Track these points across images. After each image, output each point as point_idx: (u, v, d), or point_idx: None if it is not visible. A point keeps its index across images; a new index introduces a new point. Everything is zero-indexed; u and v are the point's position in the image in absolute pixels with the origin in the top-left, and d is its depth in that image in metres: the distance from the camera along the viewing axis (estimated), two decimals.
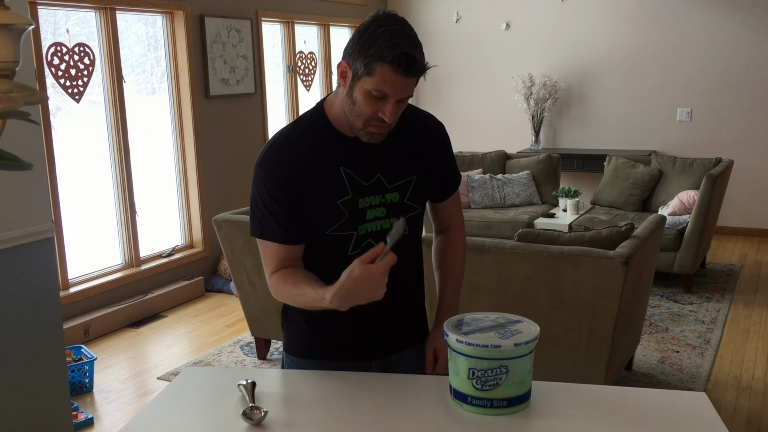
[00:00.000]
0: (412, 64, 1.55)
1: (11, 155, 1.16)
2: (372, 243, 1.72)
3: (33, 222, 2.63)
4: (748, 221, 6.96)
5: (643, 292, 3.67)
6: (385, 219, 1.73)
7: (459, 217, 1.96)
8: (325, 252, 1.74)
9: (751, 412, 3.52)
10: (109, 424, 3.56)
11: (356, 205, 1.70)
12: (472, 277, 3.34)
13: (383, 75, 1.55)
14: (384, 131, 1.65)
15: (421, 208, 1.81)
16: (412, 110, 1.83)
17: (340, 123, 1.70)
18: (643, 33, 7.05)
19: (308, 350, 1.87)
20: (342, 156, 1.70)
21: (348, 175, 1.69)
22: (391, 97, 1.58)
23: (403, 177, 1.75)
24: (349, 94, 1.62)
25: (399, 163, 1.75)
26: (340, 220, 1.70)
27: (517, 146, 7.61)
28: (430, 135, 1.83)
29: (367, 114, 1.60)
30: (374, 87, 1.57)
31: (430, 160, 1.81)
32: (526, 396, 1.60)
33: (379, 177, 1.72)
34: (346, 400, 1.67)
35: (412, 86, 1.61)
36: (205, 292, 5.59)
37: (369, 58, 1.55)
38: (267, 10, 6.31)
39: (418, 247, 1.90)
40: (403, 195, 1.75)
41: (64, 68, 4.51)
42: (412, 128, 1.79)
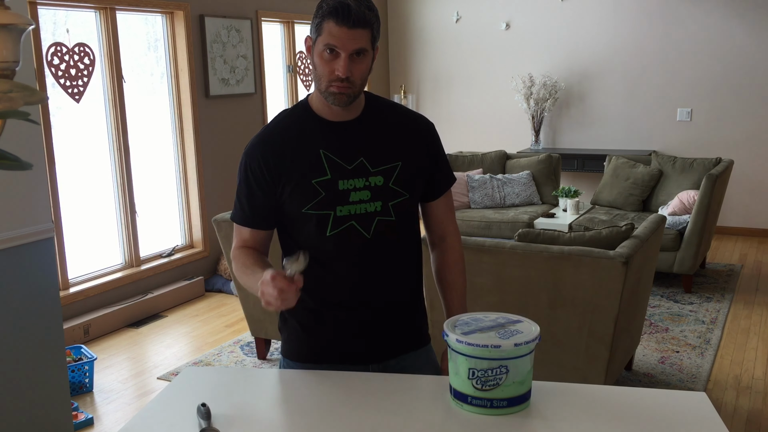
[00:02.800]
0: (347, 12, 1.63)
1: (11, 155, 1.16)
2: (355, 225, 1.75)
3: (33, 222, 2.63)
4: (748, 221, 6.96)
5: (643, 292, 3.67)
6: (369, 202, 1.76)
7: (453, 225, 1.95)
8: (305, 231, 1.78)
9: (751, 412, 3.52)
10: (109, 424, 3.56)
11: (335, 187, 1.74)
12: (472, 277, 3.33)
13: (329, 30, 1.65)
14: (345, 91, 1.69)
15: (409, 195, 1.81)
16: (401, 107, 1.91)
17: (321, 110, 1.78)
18: (643, 33, 7.05)
19: (304, 355, 1.88)
20: (323, 140, 1.77)
21: (328, 158, 1.75)
22: (340, 50, 1.65)
23: (388, 162, 1.78)
24: (312, 61, 1.72)
25: (383, 148, 1.79)
26: (316, 199, 1.74)
27: (517, 146, 7.61)
28: (418, 128, 1.87)
29: (326, 73, 1.68)
30: (324, 43, 1.66)
31: (416, 151, 1.83)
32: (526, 396, 1.60)
33: (362, 161, 1.76)
34: (345, 400, 1.67)
35: (362, 40, 1.66)
36: (205, 292, 5.59)
37: (317, 19, 1.68)
38: (267, 10, 6.31)
39: (415, 249, 1.90)
40: (388, 179, 1.77)
41: (64, 68, 4.51)
42: (398, 119, 1.85)
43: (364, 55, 1.68)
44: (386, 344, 1.86)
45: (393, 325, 1.86)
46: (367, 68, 1.72)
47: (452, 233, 1.95)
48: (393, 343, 1.87)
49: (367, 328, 1.83)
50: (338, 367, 1.83)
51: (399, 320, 1.87)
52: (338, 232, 1.75)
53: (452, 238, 1.94)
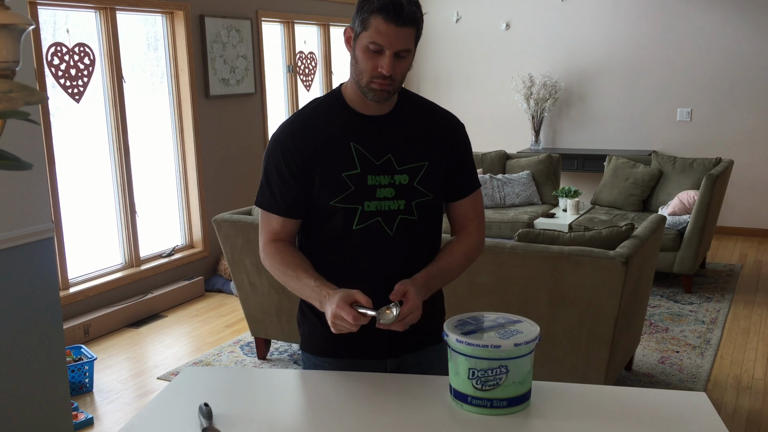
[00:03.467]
0: (399, 10, 1.62)
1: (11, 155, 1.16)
2: (380, 221, 1.75)
3: (33, 222, 2.63)
4: (748, 221, 6.96)
5: (643, 292, 3.67)
6: (393, 200, 1.76)
7: (476, 222, 1.90)
8: (332, 223, 1.78)
9: (751, 412, 3.52)
10: (109, 424, 3.56)
11: (364, 181, 1.74)
12: (472, 277, 3.34)
13: (376, 27, 1.63)
14: (386, 88, 1.69)
15: (433, 196, 1.80)
16: (433, 104, 1.89)
17: (355, 102, 1.77)
18: (643, 33, 7.05)
19: (323, 348, 1.88)
20: (354, 133, 1.76)
21: (358, 151, 1.75)
22: (386, 48, 1.64)
23: (414, 161, 1.77)
24: (353, 54, 1.70)
25: (411, 146, 1.78)
26: (345, 193, 1.74)
27: (517, 146, 7.61)
28: (447, 128, 1.86)
29: (368, 69, 1.67)
30: (370, 40, 1.64)
31: (444, 152, 1.82)
32: (526, 396, 1.60)
33: (389, 157, 1.76)
34: (346, 400, 1.67)
35: (408, 39, 1.66)
36: (205, 292, 5.59)
37: (364, 14, 1.64)
38: (267, 10, 6.30)
39: (436, 246, 1.89)
40: (413, 178, 1.77)
41: (64, 68, 4.51)
42: (429, 118, 1.85)
43: (408, 54, 1.69)
44: (404, 339, 1.84)
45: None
46: (409, 66, 1.72)
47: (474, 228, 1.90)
48: (411, 339, 1.85)
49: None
50: (357, 361, 1.83)
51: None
52: (364, 227, 1.75)
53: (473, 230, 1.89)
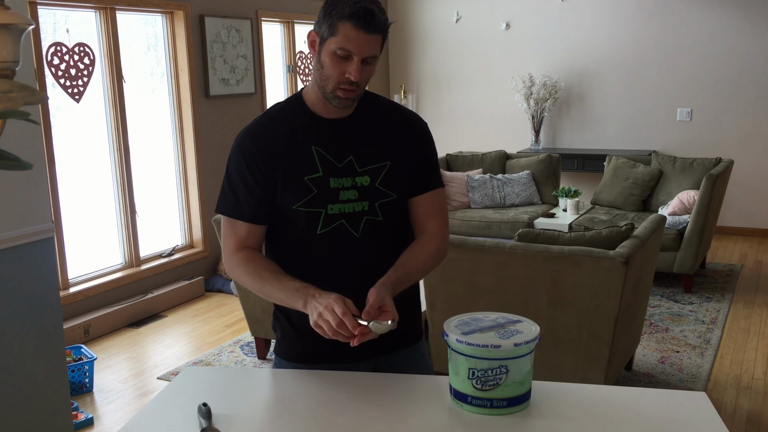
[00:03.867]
0: (370, 18, 1.62)
1: (11, 155, 1.16)
2: (345, 224, 1.75)
3: (33, 222, 2.63)
4: (748, 221, 6.96)
5: (643, 292, 3.67)
6: (356, 202, 1.75)
7: (436, 223, 1.85)
8: (296, 228, 1.77)
9: (751, 412, 3.52)
10: (109, 424, 3.56)
11: (327, 184, 1.74)
12: (472, 277, 3.34)
13: (345, 32, 1.62)
14: (352, 96, 1.70)
15: (397, 196, 1.79)
16: (396, 106, 1.89)
17: (316, 106, 1.77)
18: (643, 33, 7.05)
19: (297, 355, 1.87)
20: (315, 136, 1.75)
21: (320, 155, 1.74)
22: (354, 55, 1.64)
23: (375, 162, 1.77)
24: (318, 59, 1.69)
25: (373, 147, 1.78)
26: (308, 196, 1.73)
27: (517, 146, 7.61)
28: (411, 128, 1.85)
29: (335, 75, 1.66)
30: (338, 46, 1.63)
31: (406, 151, 1.81)
32: (526, 396, 1.60)
33: (351, 159, 1.76)
34: (346, 401, 1.67)
35: (375, 45, 1.67)
36: (205, 292, 5.59)
37: (332, 19, 1.63)
38: (267, 10, 6.30)
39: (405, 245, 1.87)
40: (375, 179, 1.77)
41: (64, 68, 4.51)
42: (390, 118, 1.84)
43: (374, 60, 1.69)
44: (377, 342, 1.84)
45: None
46: (373, 72, 1.72)
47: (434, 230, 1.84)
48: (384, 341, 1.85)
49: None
50: (330, 366, 1.82)
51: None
52: (328, 231, 1.75)
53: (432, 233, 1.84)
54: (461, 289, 3.41)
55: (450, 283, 3.42)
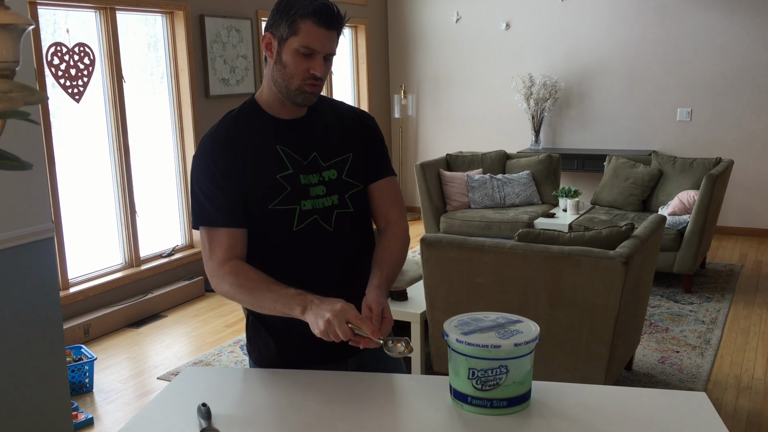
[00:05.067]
0: (331, 14, 1.66)
1: (11, 155, 1.16)
2: (318, 219, 1.76)
3: (33, 222, 2.63)
4: (748, 221, 6.96)
5: (643, 292, 3.67)
6: (326, 197, 1.77)
7: (398, 211, 1.89)
8: (271, 228, 1.76)
9: (751, 412, 3.52)
10: (109, 424, 3.56)
11: (298, 181, 1.75)
12: (472, 277, 3.34)
13: (308, 31, 1.64)
14: (317, 91, 1.73)
15: (363, 185, 1.84)
16: (341, 103, 1.95)
17: (273, 109, 1.79)
18: (643, 33, 7.05)
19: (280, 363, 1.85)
20: (278, 137, 1.77)
21: (286, 153, 1.76)
22: (318, 52, 1.67)
23: (339, 155, 1.80)
24: (278, 60, 1.70)
25: (333, 142, 1.81)
26: (282, 195, 1.74)
27: (517, 146, 7.61)
28: (362, 121, 1.90)
29: (299, 72, 1.68)
30: (301, 44, 1.65)
31: (362, 142, 1.86)
32: (526, 396, 1.60)
33: (315, 155, 1.78)
34: (346, 401, 1.67)
35: (335, 41, 1.70)
36: (205, 292, 5.59)
37: (292, 18, 1.65)
38: (267, 10, 6.30)
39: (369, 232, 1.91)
40: (341, 172, 1.79)
41: (64, 68, 4.51)
42: (341, 114, 1.88)
43: (333, 55, 1.72)
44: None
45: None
46: (331, 67, 1.75)
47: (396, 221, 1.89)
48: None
49: None
50: (317, 367, 1.81)
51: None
52: (304, 227, 1.75)
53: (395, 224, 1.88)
54: (461, 289, 3.41)
55: (450, 283, 3.41)
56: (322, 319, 1.56)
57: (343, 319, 1.55)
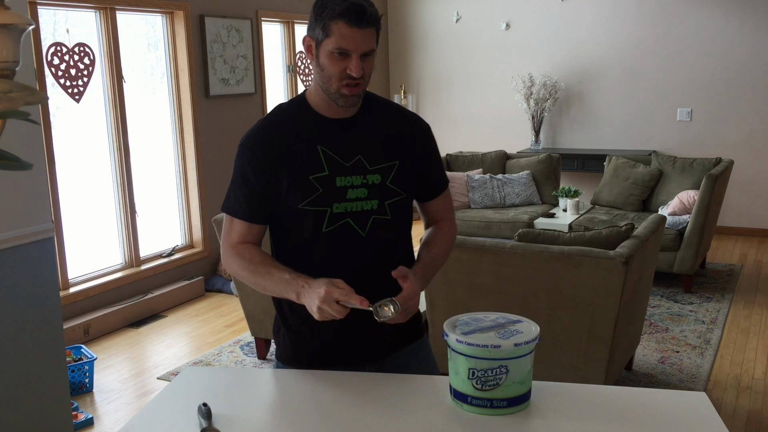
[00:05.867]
0: (362, 13, 1.63)
1: (11, 155, 1.16)
2: (350, 223, 1.75)
3: (33, 222, 2.63)
4: (748, 221, 6.96)
5: (643, 292, 3.67)
6: (366, 200, 1.76)
7: (449, 216, 1.95)
8: (302, 226, 1.77)
9: (751, 412, 3.52)
10: (109, 424, 3.56)
11: (333, 183, 1.74)
12: (472, 277, 3.34)
13: (339, 32, 1.63)
14: (357, 92, 1.71)
15: (405, 195, 1.81)
16: (398, 107, 1.91)
17: (320, 107, 1.78)
18: (643, 33, 7.05)
19: (300, 361, 1.86)
20: (321, 136, 1.76)
21: (326, 154, 1.75)
22: (352, 52, 1.65)
23: (385, 161, 1.78)
24: (317, 63, 1.71)
25: (380, 146, 1.79)
26: (313, 195, 1.74)
27: (517, 146, 7.61)
28: (415, 128, 1.87)
29: (336, 73, 1.67)
30: (335, 46, 1.65)
31: (413, 152, 1.83)
32: (526, 396, 1.60)
33: (360, 158, 1.76)
34: (346, 401, 1.67)
35: (371, 39, 1.68)
36: (205, 292, 5.59)
37: (324, 21, 1.65)
38: (267, 10, 6.31)
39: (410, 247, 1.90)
40: (385, 178, 1.78)
41: (64, 68, 4.51)
42: (395, 119, 1.86)
43: (372, 54, 1.70)
44: (381, 343, 1.85)
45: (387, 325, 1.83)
46: (374, 66, 1.73)
47: (447, 220, 1.95)
48: (388, 342, 1.86)
49: (362, 329, 1.80)
50: (335, 368, 1.82)
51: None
52: (333, 230, 1.75)
53: (446, 222, 1.95)
54: (461, 289, 3.41)
55: (450, 283, 3.41)
56: (315, 306, 1.61)
57: (332, 301, 1.59)
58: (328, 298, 1.59)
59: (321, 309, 1.60)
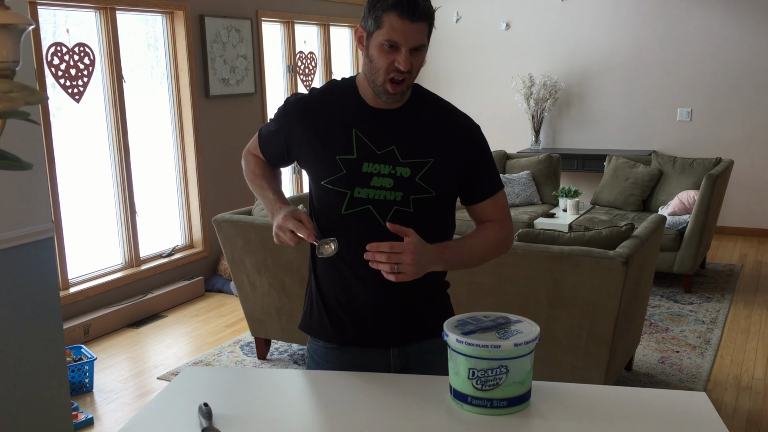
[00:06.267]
0: (414, 6, 1.63)
1: (11, 155, 1.16)
2: (371, 209, 1.75)
3: (33, 222, 2.63)
4: (748, 221, 6.96)
5: (643, 292, 3.67)
6: (390, 190, 1.75)
7: (498, 216, 1.88)
8: (323, 204, 1.82)
9: (751, 412, 3.52)
10: (109, 424, 3.56)
11: (359, 168, 1.74)
12: (472, 277, 3.34)
13: (391, 24, 1.64)
14: (400, 90, 1.71)
15: (435, 193, 1.78)
16: (447, 104, 1.87)
17: (366, 95, 1.79)
18: (643, 33, 7.05)
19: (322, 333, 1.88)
20: (359, 121, 1.78)
21: (359, 139, 1.76)
22: (402, 45, 1.65)
23: (419, 156, 1.76)
24: (366, 54, 1.72)
25: (417, 141, 1.78)
26: (336, 175, 1.75)
27: (517, 146, 7.61)
28: (460, 128, 1.83)
29: (384, 66, 1.68)
30: (385, 38, 1.65)
31: (453, 151, 1.80)
32: (526, 396, 1.60)
33: (393, 149, 1.76)
34: (346, 401, 1.67)
35: (422, 33, 1.67)
36: (205, 292, 5.59)
37: (376, 12, 1.66)
38: (267, 10, 6.30)
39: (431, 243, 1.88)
40: (415, 173, 1.75)
41: (64, 68, 4.51)
42: (442, 116, 1.83)
43: (423, 48, 1.70)
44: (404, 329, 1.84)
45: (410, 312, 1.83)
46: (423, 60, 1.73)
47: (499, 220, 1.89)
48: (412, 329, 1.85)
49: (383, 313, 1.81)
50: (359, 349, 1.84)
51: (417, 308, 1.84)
52: (354, 213, 1.76)
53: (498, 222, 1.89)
54: (461, 289, 3.41)
55: (450, 283, 3.41)
56: (273, 230, 1.76)
57: (286, 229, 1.71)
58: (283, 226, 1.71)
59: (277, 234, 1.74)
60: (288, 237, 1.71)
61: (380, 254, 1.62)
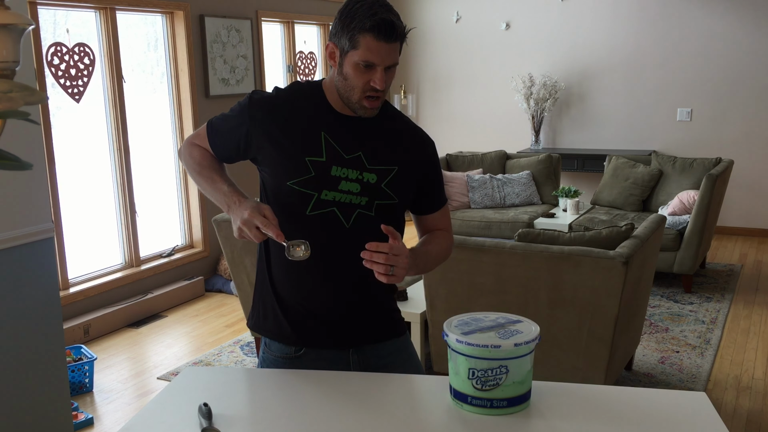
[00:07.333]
0: (391, 29, 1.65)
1: (11, 155, 1.16)
2: (336, 212, 1.76)
3: (33, 222, 2.63)
4: (748, 221, 6.96)
5: (643, 292, 3.67)
6: (357, 195, 1.77)
7: (445, 226, 1.97)
8: (285, 203, 1.79)
9: (751, 412, 3.52)
10: (109, 424, 3.56)
11: (327, 171, 1.76)
12: (472, 277, 3.34)
13: (367, 45, 1.65)
14: (377, 104, 1.74)
15: (398, 200, 1.82)
16: (406, 118, 1.93)
17: (333, 101, 1.80)
18: (643, 33, 7.05)
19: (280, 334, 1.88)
20: (327, 124, 1.78)
21: (327, 142, 1.77)
22: (378, 65, 1.67)
23: (385, 164, 1.80)
24: (340, 72, 1.72)
25: (383, 149, 1.81)
26: (304, 177, 1.75)
27: (517, 146, 7.61)
28: (420, 142, 1.90)
29: (360, 85, 1.70)
30: (361, 58, 1.66)
31: (414, 162, 1.85)
32: (526, 396, 1.60)
33: (360, 155, 1.78)
34: (345, 401, 1.67)
35: (396, 52, 1.70)
36: (205, 292, 5.59)
37: (351, 32, 1.65)
38: (267, 10, 6.31)
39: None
40: (381, 180, 1.79)
41: (64, 68, 4.51)
42: (402, 128, 1.88)
43: (395, 66, 1.72)
44: (355, 330, 1.86)
45: (358, 312, 1.86)
46: (394, 75, 1.76)
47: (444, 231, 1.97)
48: (363, 331, 1.87)
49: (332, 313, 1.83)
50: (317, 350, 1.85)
51: (365, 309, 1.87)
52: (318, 215, 1.76)
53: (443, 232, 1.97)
54: (461, 289, 3.41)
55: (450, 283, 3.41)
56: (236, 225, 1.68)
57: (252, 225, 1.65)
58: (249, 223, 1.65)
59: (241, 229, 1.67)
60: (253, 233, 1.66)
61: (379, 255, 1.62)
